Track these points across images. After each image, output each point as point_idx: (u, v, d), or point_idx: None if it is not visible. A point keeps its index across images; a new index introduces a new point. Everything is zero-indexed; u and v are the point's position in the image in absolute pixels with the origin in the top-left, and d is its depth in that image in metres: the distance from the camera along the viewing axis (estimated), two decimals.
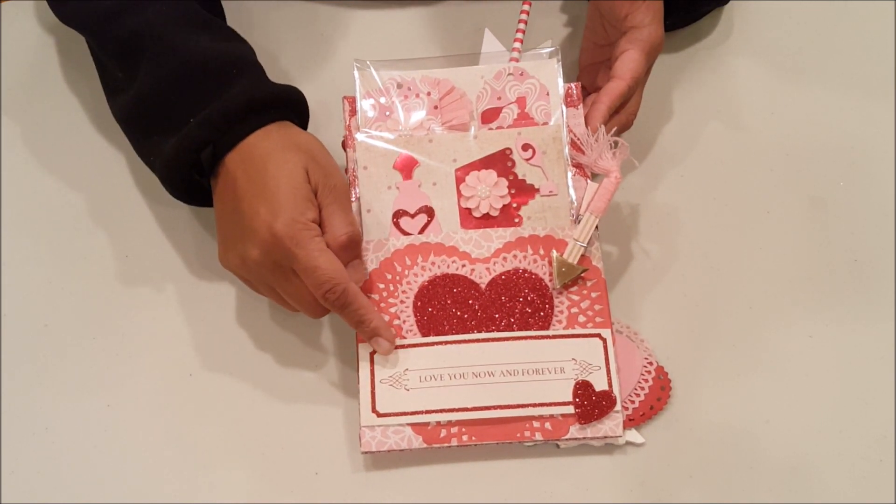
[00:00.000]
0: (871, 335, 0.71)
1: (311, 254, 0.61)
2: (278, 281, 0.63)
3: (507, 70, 0.71)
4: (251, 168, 0.63)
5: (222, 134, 0.63)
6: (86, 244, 0.73)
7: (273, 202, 0.61)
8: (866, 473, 0.66)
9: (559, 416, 0.65)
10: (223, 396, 0.68)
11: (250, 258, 0.62)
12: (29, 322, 0.70)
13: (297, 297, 0.64)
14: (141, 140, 0.68)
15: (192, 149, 0.64)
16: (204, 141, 0.63)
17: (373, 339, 0.65)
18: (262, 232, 0.61)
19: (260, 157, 0.63)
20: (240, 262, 0.63)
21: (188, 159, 0.64)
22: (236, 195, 0.63)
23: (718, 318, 0.71)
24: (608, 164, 0.68)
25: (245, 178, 0.63)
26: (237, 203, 0.63)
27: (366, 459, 0.66)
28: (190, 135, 0.63)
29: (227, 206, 0.64)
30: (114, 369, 0.69)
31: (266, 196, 0.61)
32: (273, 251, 0.61)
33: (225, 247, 0.65)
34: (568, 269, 0.67)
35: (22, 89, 0.78)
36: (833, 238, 0.74)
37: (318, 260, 0.61)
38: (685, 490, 0.66)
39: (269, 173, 0.62)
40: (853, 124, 0.79)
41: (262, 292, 0.66)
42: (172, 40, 0.65)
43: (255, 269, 0.63)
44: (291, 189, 0.62)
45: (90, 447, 0.66)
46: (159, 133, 0.65)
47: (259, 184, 0.62)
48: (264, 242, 0.61)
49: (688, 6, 0.78)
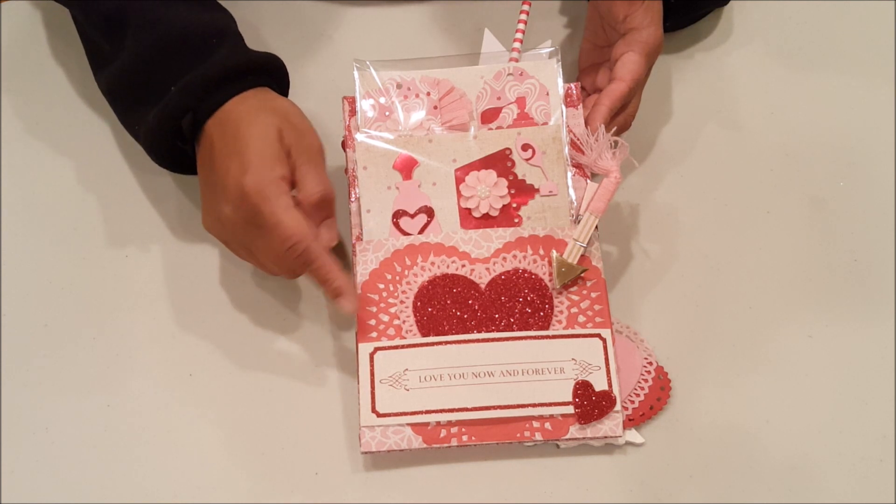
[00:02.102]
0: (871, 335, 0.71)
1: (276, 210, 0.62)
2: (250, 238, 0.64)
3: (506, 70, 0.71)
4: (226, 131, 0.64)
5: (201, 101, 0.65)
6: (86, 244, 0.73)
7: (242, 159, 0.63)
8: (866, 473, 0.66)
9: (559, 416, 0.65)
10: (223, 396, 0.68)
11: (224, 216, 0.63)
12: (29, 322, 0.70)
13: (269, 256, 0.64)
14: (126, 111, 0.69)
15: (173, 116, 0.65)
16: (184, 108, 0.65)
17: (337, 300, 0.65)
18: (232, 188, 0.62)
19: (235, 120, 0.64)
20: (215, 221, 0.65)
21: (170, 126, 0.66)
22: (212, 157, 0.64)
23: (718, 318, 0.71)
24: (608, 164, 0.68)
25: (220, 140, 0.64)
26: (212, 164, 0.64)
27: (366, 459, 0.66)
28: (171, 102, 0.65)
29: (205, 170, 0.66)
30: (114, 369, 0.69)
31: (237, 154, 0.63)
32: (242, 207, 0.62)
33: (205, 210, 0.66)
34: (568, 269, 0.67)
35: (22, 89, 0.78)
36: (833, 238, 0.74)
37: (282, 216, 0.62)
38: (685, 490, 0.66)
39: (240, 133, 0.64)
40: (853, 124, 0.79)
41: (240, 255, 0.67)
42: (155, 12, 0.66)
43: (230, 228, 0.64)
44: (260, 147, 0.63)
45: (90, 447, 0.66)
46: (143, 103, 0.67)
47: (231, 144, 0.63)
48: (234, 198, 0.62)
49: (687, 7, 0.78)
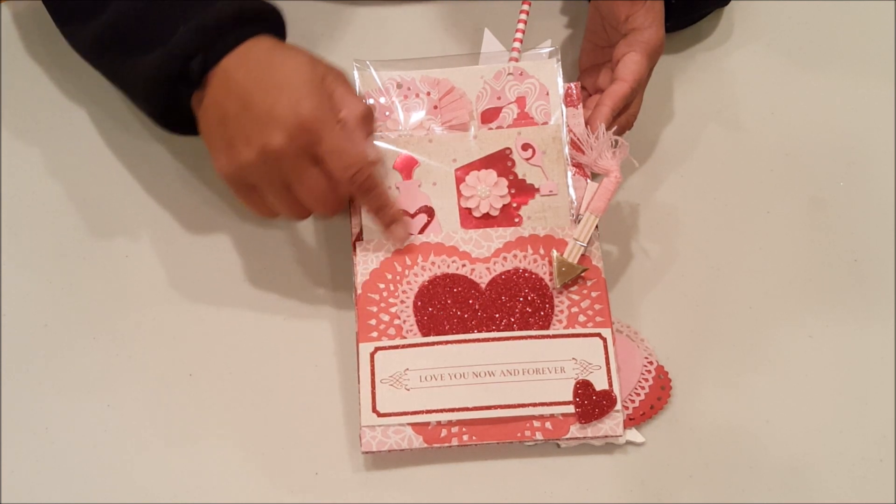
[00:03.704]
0: (871, 335, 0.71)
1: (338, 135, 0.62)
2: (296, 171, 0.63)
3: (506, 70, 0.71)
4: (255, 67, 0.63)
5: (213, 42, 0.64)
6: (86, 244, 0.73)
7: (292, 90, 0.62)
8: (866, 473, 0.66)
9: (559, 416, 0.65)
10: (223, 396, 0.68)
11: (271, 147, 0.61)
12: (29, 322, 0.70)
13: (314, 189, 0.63)
14: (120, 60, 0.67)
15: (183, 56, 0.64)
16: (195, 48, 0.63)
17: (391, 226, 0.66)
18: (288, 118, 0.61)
19: (262, 56, 0.63)
20: (254, 157, 0.62)
21: (176, 68, 0.64)
22: (243, 93, 0.62)
23: (718, 318, 0.71)
24: (608, 164, 0.68)
25: (249, 77, 0.63)
26: (246, 99, 0.62)
27: (366, 459, 0.66)
28: (180, 43, 0.63)
29: (228, 108, 0.63)
30: (114, 369, 0.69)
31: (282, 86, 0.62)
32: (300, 135, 0.61)
33: (227, 150, 0.64)
34: (568, 268, 0.67)
35: (22, 89, 0.78)
36: (833, 238, 0.74)
37: (346, 141, 0.62)
38: (685, 490, 0.66)
39: (276, 66, 0.63)
40: (853, 124, 0.79)
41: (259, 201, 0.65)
42: None
43: (275, 161, 0.62)
44: (306, 78, 0.62)
45: (90, 447, 0.66)
46: (141, 50, 0.65)
47: (268, 78, 0.62)
48: (290, 128, 0.61)
49: (688, 8, 0.78)
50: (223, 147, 0.64)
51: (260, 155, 0.62)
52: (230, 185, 0.65)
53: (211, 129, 0.65)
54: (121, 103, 0.77)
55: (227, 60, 0.64)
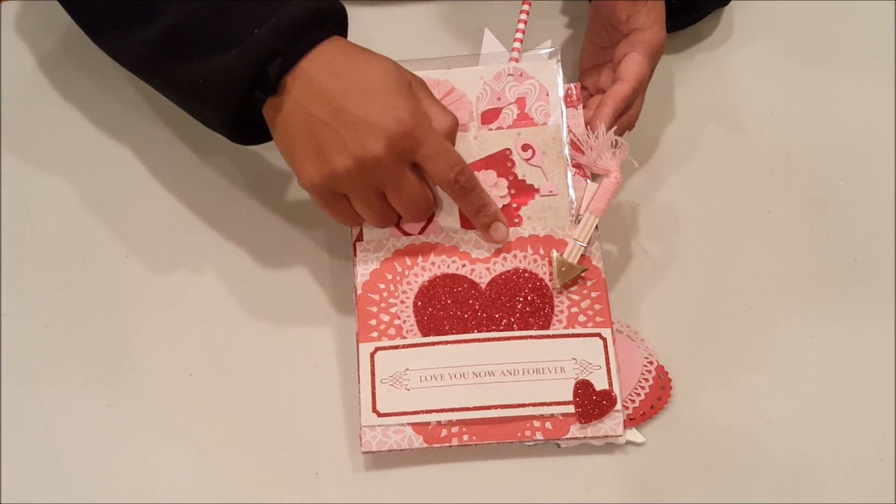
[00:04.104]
0: (871, 335, 0.71)
1: (438, 138, 0.62)
2: (394, 178, 0.62)
3: (506, 70, 0.71)
4: (341, 70, 0.62)
5: (291, 43, 0.61)
6: (86, 244, 0.73)
7: (388, 97, 0.61)
8: (866, 473, 0.66)
9: (559, 416, 0.65)
10: (223, 396, 0.68)
11: (370, 155, 0.60)
12: (29, 322, 0.70)
13: (410, 195, 0.63)
14: (182, 65, 0.63)
15: (260, 60, 0.61)
16: (273, 51, 0.61)
17: (493, 225, 0.66)
18: (388, 124, 0.60)
19: (346, 60, 0.62)
20: (351, 164, 0.61)
21: (253, 72, 0.61)
22: (332, 98, 0.61)
23: (718, 318, 0.71)
24: (608, 164, 0.68)
25: (337, 80, 0.61)
26: (336, 105, 0.61)
27: (366, 459, 0.66)
28: (256, 45, 0.60)
29: (316, 113, 0.61)
30: (114, 369, 0.69)
31: (375, 93, 0.61)
32: (400, 141, 0.61)
33: (317, 158, 0.62)
34: (568, 268, 0.67)
35: (22, 89, 0.78)
36: (833, 238, 0.74)
37: (446, 144, 0.62)
38: (685, 490, 0.66)
39: (366, 72, 0.62)
40: (853, 124, 0.79)
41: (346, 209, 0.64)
42: None
43: (372, 168, 0.61)
44: (397, 82, 0.62)
45: (90, 447, 0.66)
46: (209, 52, 0.62)
47: (359, 83, 0.61)
48: (391, 134, 0.60)
49: (688, 7, 0.78)
50: (311, 155, 0.62)
51: (357, 162, 0.61)
52: (315, 195, 0.64)
53: (293, 136, 0.63)
54: (121, 104, 0.77)
55: (307, 63, 0.62)
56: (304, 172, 0.62)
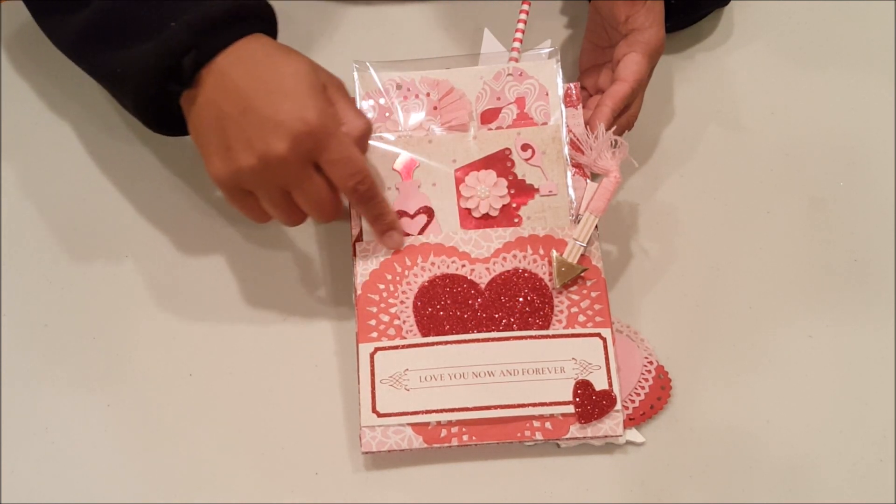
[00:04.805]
0: (871, 335, 0.71)
1: (343, 143, 0.62)
2: (299, 178, 0.62)
3: (506, 70, 0.71)
4: (255, 68, 0.62)
5: (207, 38, 0.62)
6: (86, 244, 0.73)
7: (297, 96, 0.61)
8: (866, 473, 0.66)
9: (559, 416, 0.65)
10: (223, 396, 0.68)
11: (274, 154, 0.60)
12: (29, 322, 0.70)
13: (315, 196, 0.63)
14: (103, 54, 0.65)
15: (175, 52, 0.61)
16: (188, 45, 0.61)
17: (387, 233, 0.67)
18: (293, 124, 0.60)
19: (262, 58, 0.62)
20: (255, 162, 0.61)
21: (167, 64, 0.62)
22: (243, 96, 0.61)
23: (718, 318, 0.71)
24: (607, 164, 0.68)
25: (249, 78, 0.61)
26: (246, 102, 0.61)
27: (366, 459, 0.66)
28: (172, 39, 0.61)
29: (226, 109, 0.61)
30: (114, 369, 0.69)
31: (286, 91, 0.61)
32: (304, 142, 0.60)
33: (224, 154, 0.62)
34: (568, 268, 0.67)
35: (22, 89, 0.78)
36: (833, 238, 0.74)
37: (350, 151, 0.62)
38: (685, 490, 0.66)
39: (279, 71, 0.62)
40: (853, 124, 0.79)
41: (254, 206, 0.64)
42: None
43: (276, 167, 0.61)
44: (310, 83, 0.62)
45: (90, 447, 0.66)
46: (128, 42, 0.63)
47: (271, 81, 0.61)
48: (296, 134, 0.60)
49: (688, 8, 0.78)
50: (219, 150, 0.62)
51: (261, 161, 0.61)
52: (223, 189, 0.64)
53: (205, 130, 0.63)
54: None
55: (222, 59, 0.62)
56: (212, 167, 0.63)
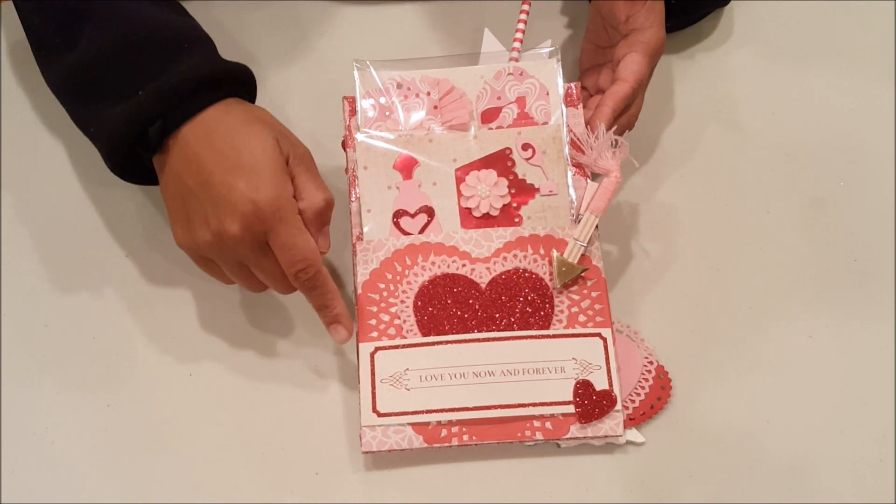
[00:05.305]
0: (871, 335, 0.71)
1: (291, 231, 0.62)
2: (254, 256, 0.63)
3: (506, 70, 0.71)
4: (217, 141, 0.62)
5: (173, 108, 0.62)
6: (86, 244, 0.73)
7: (252, 176, 0.61)
8: (866, 473, 0.66)
9: (559, 416, 0.64)
10: (223, 396, 0.68)
11: (227, 234, 0.61)
12: (29, 322, 0.70)
13: (270, 273, 0.64)
14: (80, 107, 0.66)
15: (141, 121, 0.62)
16: (155, 114, 0.62)
17: (332, 326, 0.66)
18: (243, 205, 0.60)
19: (225, 131, 0.62)
20: (211, 238, 0.62)
21: (135, 132, 0.63)
22: (202, 170, 0.62)
23: (718, 318, 0.71)
24: (608, 164, 0.68)
25: (210, 151, 0.62)
26: (205, 178, 0.61)
27: (366, 459, 0.66)
28: (139, 107, 0.62)
29: (187, 181, 0.62)
30: (114, 369, 0.69)
31: (243, 169, 0.61)
32: (254, 225, 0.61)
33: (185, 224, 0.63)
34: (568, 268, 0.67)
35: (22, 89, 0.78)
36: (833, 238, 0.74)
37: (297, 238, 0.62)
38: (685, 490, 0.66)
39: (239, 146, 0.62)
40: (853, 124, 0.79)
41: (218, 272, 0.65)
42: (122, 7, 0.64)
43: (231, 246, 0.62)
44: (269, 162, 0.62)
45: (90, 447, 0.66)
46: (102, 100, 0.64)
47: (230, 157, 0.61)
48: (246, 216, 0.60)
49: (688, 8, 0.78)
50: (180, 219, 0.64)
51: (216, 238, 0.62)
52: (188, 255, 0.65)
53: (170, 197, 0.64)
54: None
55: (188, 129, 0.62)
56: (175, 234, 0.65)
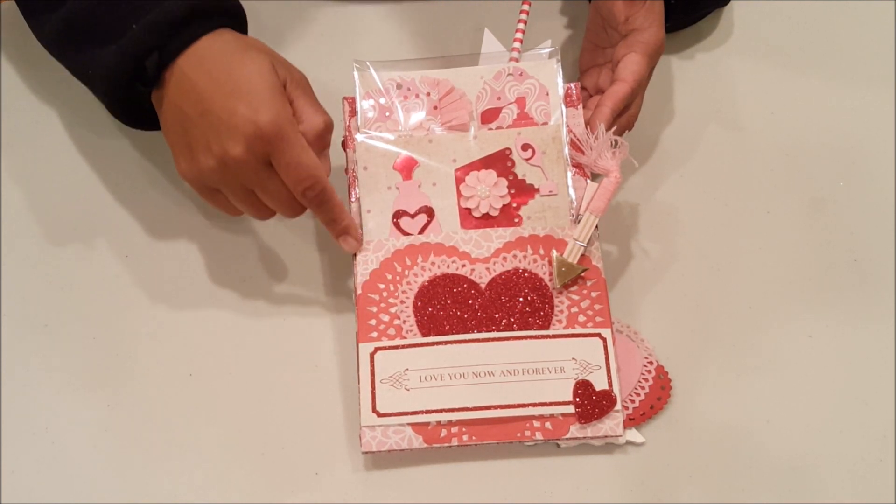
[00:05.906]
0: (871, 335, 0.71)
1: (295, 149, 0.62)
2: (259, 179, 0.63)
3: (506, 70, 0.71)
4: (213, 69, 0.62)
5: (168, 39, 0.62)
6: (86, 244, 0.73)
7: (251, 98, 0.61)
8: (866, 473, 0.66)
9: (559, 416, 0.64)
10: (223, 396, 0.68)
11: (231, 157, 0.61)
12: (29, 322, 0.70)
13: (276, 195, 0.64)
14: (76, 54, 0.66)
15: (137, 55, 0.62)
16: (149, 46, 0.62)
17: (342, 237, 0.67)
18: (245, 128, 0.60)
19: (221, 58, 0.62)
20: (215, 164, 0.62)
21: (131, 67, 0.63)
22: (201, 97, 0.62)
23: (718, 318, 0.71)
24: (608, 164, 0.68)
25: (208, 79, 0.62)
26: (204, 105, 0.62)
27: (366, 459, 0.66)
28: (134, 41, 0.62)
29: (187, 111, 0.62)
30: (114, 369, 0.69)
31: (241, 93, 0.61)
32: (257, 146, 0.61)
33: (188, 155, 0.63)
34: (568, 268, 0.67)
35: (22, 89, 0.78)
36: (833, 238, 0.74)
37: (301, 156, 0.62)
38: (685, 490, 0.66)
39: (236, 71, 0.62)
40: (853, 124, 0.79)
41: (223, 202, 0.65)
42: None
43: (236, 170, 0.62)
44: (267, 84, 0.62)
45: (90, 447, 0.66)
46: (96, 44, 0.64)
47: (228, 83, 0.61)
48: (248, 138, 0.61)
49: (688, 8, 0.78)
50: (184, 150, 0.64)
51: (220, 163, 0.62)
52: (192, 186, 0.66)
53: (171, 130, 0.64)
54: None
55: (183, 59, 0.63)
56: (179, 166, 0.65)
